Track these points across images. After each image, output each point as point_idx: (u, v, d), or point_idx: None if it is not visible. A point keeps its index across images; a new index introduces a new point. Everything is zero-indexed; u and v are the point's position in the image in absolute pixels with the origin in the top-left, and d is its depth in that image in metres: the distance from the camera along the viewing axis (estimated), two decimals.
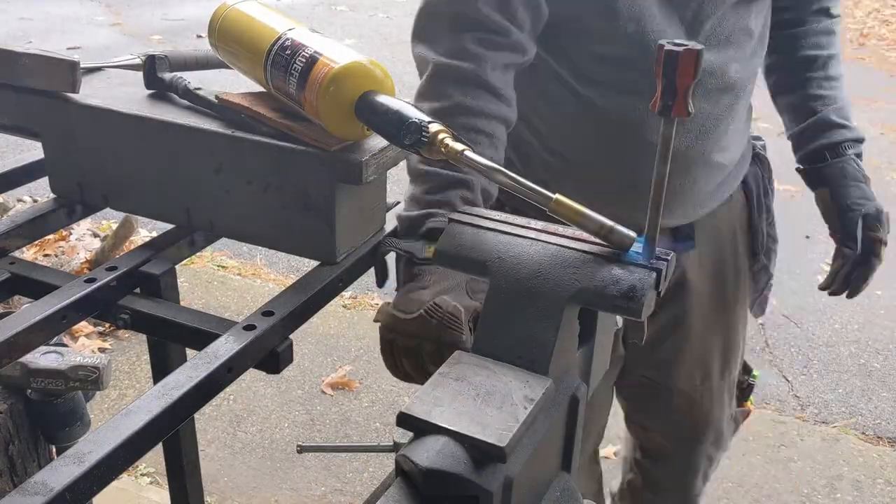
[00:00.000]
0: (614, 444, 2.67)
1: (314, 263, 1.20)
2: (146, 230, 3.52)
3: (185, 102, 1.23)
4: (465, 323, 1.07)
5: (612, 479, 2.36)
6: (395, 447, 1.02)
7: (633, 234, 0.93)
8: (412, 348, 1.07)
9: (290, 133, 1.12)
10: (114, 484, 0.85)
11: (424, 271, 1.12)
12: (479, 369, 0.89)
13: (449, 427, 0.79)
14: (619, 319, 1.13)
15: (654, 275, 0.90)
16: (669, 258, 0.94)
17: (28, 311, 1.04)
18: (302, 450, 1.34)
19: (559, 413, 0.93)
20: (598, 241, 0.94)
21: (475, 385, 0.86)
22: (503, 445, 0.77)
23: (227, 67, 1.31)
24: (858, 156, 1.53)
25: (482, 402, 0.83)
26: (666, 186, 0.91)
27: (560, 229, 0.97)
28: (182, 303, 1.23)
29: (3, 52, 1.20)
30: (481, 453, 0.78)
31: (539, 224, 0.99)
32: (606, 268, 0.91)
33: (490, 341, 0.94)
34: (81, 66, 1.23)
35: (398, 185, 4.40)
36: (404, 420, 0.82)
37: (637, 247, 0.94)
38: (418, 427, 0.81)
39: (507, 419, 0.80)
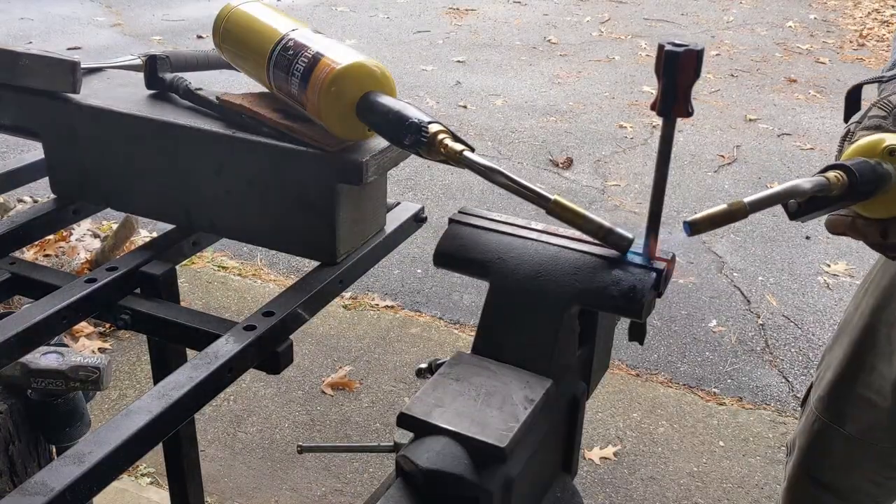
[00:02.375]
0: (614, 445, 2.67)
1: (314, 264, 1.20)
2: (146, 230, 3.52)
3: (186, 103, 1.23)
4: None
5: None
6: (396, 447, 1.02)
7: (630, 235, 0.93)
8: None
9: (290, 134, 1.12)
10: (114, 484, 0.85)
11: None
12: (479, 370, 0.89)
13: (449, 428, 0.79)
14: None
15: (653, 275, 0.90)
16: (669, 258, 0.94)
17: (28, 312, 1.04)
18: (302, 450, 1.34)
19: (559, 413, 0.94)
20: (597, 241, 0.94)
21: (475, 385, 0.86)
22: (503, 446, 0.77)
23: (229, 68, 1.32)
24: None
25: (482, 403, 0.83)
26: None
27: (561, 230, 0.98)
28: (182, 303, 1.23)
29: (4, 52, 1.20)
30: (481, 454, 0.78)
31: (539, 225, 0.99)
32: (606, 268, 0.91)
33: (490, 342, 0.94)
34: (82, 66, 1.23)
35: (398, 185, 4.41)
36: (404, 420, 0.82)
37: (637, 247, 0.94)
38: (419, 427, 0.81)
39: (508, 420, 0.81)
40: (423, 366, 1.29)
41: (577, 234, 0.96)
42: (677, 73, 0.84)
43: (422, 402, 0.83)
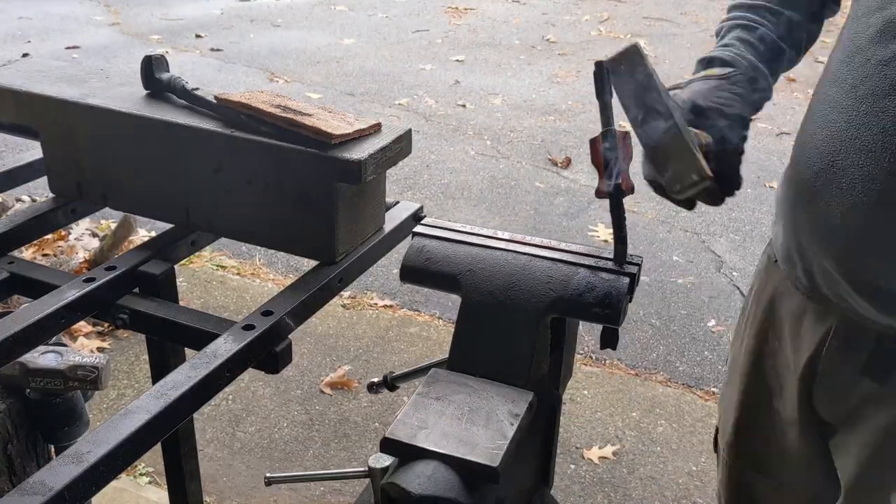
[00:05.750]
0: (613, 444, 2.67)
1: (313, 263, 1.20)
2: (145, 230, 3.52)
3: (184, 102, 1.23)
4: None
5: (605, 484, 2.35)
6: (370, 472, 0.98)
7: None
8: None
9: (291, 126, 1.12)
10: (113, 484, 0.85)
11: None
12: (458, 387, 0.87)
13: (437, 450, 0.77)
14: None
15: (626, 280, 0.89)
16: (640, 262, 0.93)
17: (27, 311, 1.04)
18: (270, 481, 1.27)
19: (539, 426, 0.92)
20: (567, 248, 0.94)
21: (457, 403, 0.84)
22: (496, 465, 0.75)
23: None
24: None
25: (467, 421, 0.81)
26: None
27: (528, 238, 0.97)
28: (181, 302, 1.23)
29: None
30: (474, 475, 0.76)
31: (506, 234, 0.98)
32: (579, 275, 0.90)
33: (466, 357, 0.92)
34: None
35: (397, 184, 4.41)
36: (389, 445, 0.79)
37: None
38: (405, 452, 0.79)
39: (495, 437, 0.79)
40: (376, 380, 1.27)
41: (546, 241, 0.95)
42: (620, 154, 0.89)
43: (405, 425, 0.80)
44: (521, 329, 0.89)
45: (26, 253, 3.22)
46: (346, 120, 1.16)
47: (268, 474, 1.26)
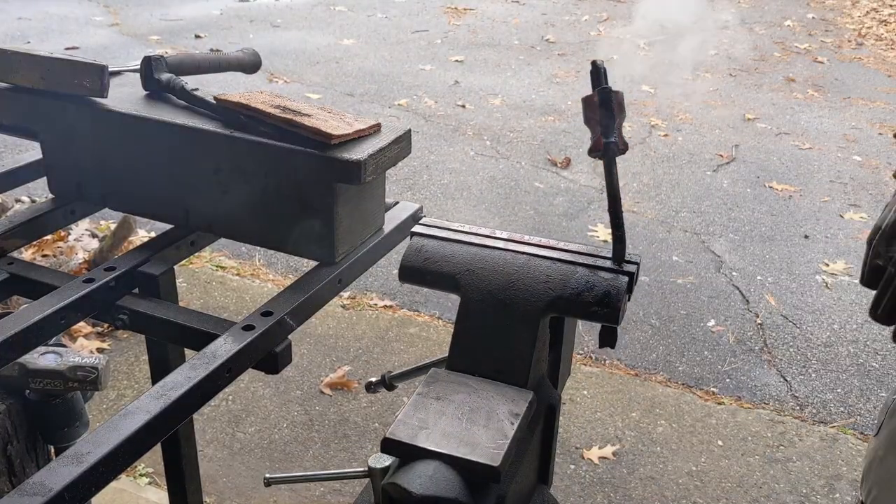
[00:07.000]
0: (613, 444, 2.67)
1: (313, 263, 1.20)
2: (145, 230, 3.52)
3: (184, 103, 1.23)
4: None
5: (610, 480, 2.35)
6: (370, 472, 0.98)
7: None
8: None
9: (290, 127, 1.12)
10: (112, 484, 0.85)
11: None
12: (458, 386, 0.87)
13: (438, 450, 0.77)
14: None
15: (625, 279, 0.89)
16: (639, 261, 0.93)
17: (27, 312, 1.04)
18: (269, 482, 1.27)
19: (538, 425, 0.92)
20: (566, 247, 0.93)
21: (457, 403, 0.84)
22: (497, 465, 0.76)
23: (240, 70, 1.31)
24: None
25: (468, 421, 0.81)
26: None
27: (527, 237, 0.97)
28: (180, 303, 1.23)
29: (30, 58, 1.20)
30: (475, 475, 0.76)
31: (505, 234, 0.98)
32: (578, 274, 0.90)
33: (466, 357, 0.92)
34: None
35: (397, 184, 4.40)
36: (389, 446, 0.80)
37: None
38: (405, 452, 0.79)
39: (496, 437, 0.79)
40: (374, 380, 1.27)
41: (544, 240, 0.95)
42: (614, 112, 0.87)
43: (405, 426, 0.80)
44: (521, 328, 0.89)
45: (26, 253, 3.22)
46: (345, 120, 1.16)
47: (267, 475, 1.26)
